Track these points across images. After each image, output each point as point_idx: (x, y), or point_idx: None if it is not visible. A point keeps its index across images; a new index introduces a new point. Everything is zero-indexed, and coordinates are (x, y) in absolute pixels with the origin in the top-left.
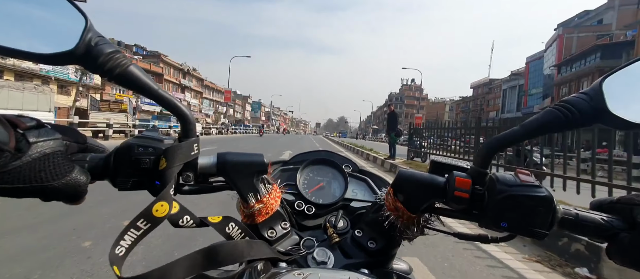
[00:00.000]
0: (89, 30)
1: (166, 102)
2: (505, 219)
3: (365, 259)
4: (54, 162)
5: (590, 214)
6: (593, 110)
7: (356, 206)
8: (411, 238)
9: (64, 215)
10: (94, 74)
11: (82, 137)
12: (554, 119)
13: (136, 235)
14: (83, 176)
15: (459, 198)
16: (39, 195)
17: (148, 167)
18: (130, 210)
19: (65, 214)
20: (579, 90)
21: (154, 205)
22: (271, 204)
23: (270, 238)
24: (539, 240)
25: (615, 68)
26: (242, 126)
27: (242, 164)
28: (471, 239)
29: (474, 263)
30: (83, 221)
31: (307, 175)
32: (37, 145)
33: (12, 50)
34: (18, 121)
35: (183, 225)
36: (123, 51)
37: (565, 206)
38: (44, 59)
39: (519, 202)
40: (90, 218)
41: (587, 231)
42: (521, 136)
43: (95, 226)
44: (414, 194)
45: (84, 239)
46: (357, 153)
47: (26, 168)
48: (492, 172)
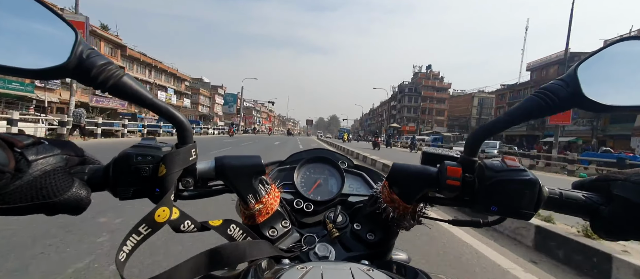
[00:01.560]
0: (79, 43)
1: (161, 111)
2: (494, 203)
3: (365, 251)
4: (54, 179)
5: (572, 193)
6: (569, 95)
7: (354, 201)
8: (408, 227)
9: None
10: (88, 86)
11: (79, 150)
12: (535, 106)
13: (137, 240)
14: (84, 189)
15: (451, 186)
16: (43, 211)
17: (147, 175)
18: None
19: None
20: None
21: (155, 211)
22: (271, 204)
23: (272, 237)
24: (525, 220)
25: (589, 54)
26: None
27: (240, 167)
28: (464, 224)
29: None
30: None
31: (304, 173)
32: (37, 163)
33: (3, 68)
34: (15, 140)
35: (184, 230)
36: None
37: (550, 188)
38: (36, 75)
39: (507, 186)
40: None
41: (571, 209)
42: (506, 123)
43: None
44: (409, 185)
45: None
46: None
47: (27, 187)
48: (480, 160)
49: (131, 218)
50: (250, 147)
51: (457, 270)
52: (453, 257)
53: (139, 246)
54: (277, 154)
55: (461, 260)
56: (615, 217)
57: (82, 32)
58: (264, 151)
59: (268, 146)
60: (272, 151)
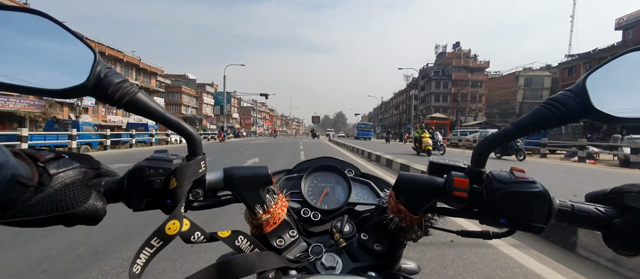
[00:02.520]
0: (98, 63)
1: (173, 124)
2: (503, 216)
3: (373, 262)
4: (73, 191)
5: (585, 205)
6: (578, 106)
7: (361, 210)
8: (415, 238)
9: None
10: (105, 103)
11: (96, 163)
12: (543, 117)
13: (150, 253)
14: (100, 201)
15: (458, 198)
16: (62, 222)
17: (159, 187)
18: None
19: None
20: None
21: (166, 224)
22: (278, 214)
23: (279, 247)
24: (536, 234)
25: (598, 65)
26: (144, 127)
27: (247, 178)
28: (473, 236)
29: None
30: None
31: (311, 182)
32: (58, 176)
33: (27, 88)
34: (38, 155)
35: (194, 241)
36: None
37: (561, 199)
38: (58, 94)
39: (516, 198)
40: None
41: (583, 222)
42: (513, 134)
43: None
44: (415, 195)
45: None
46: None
47: (48, 199)
48: (488, 171)
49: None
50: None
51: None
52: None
53: (153, 258)
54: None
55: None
56: (629, 229)
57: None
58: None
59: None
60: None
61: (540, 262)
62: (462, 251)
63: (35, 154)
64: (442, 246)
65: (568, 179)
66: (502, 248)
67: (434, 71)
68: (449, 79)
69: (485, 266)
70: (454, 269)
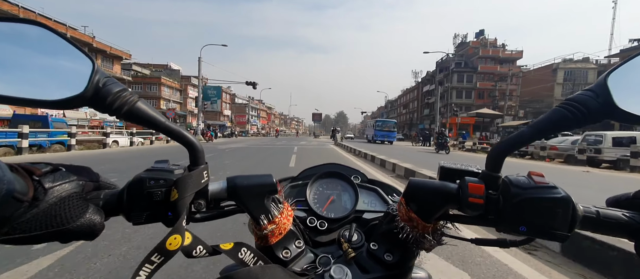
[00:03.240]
0: (96, 72)
1: (174, 133)
2: (523, 223)
3: (384, 273)
4: (69, 205)
5: (611, 211)
6: (601, 106)
7: (369, 218)
8: (428, 248)
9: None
10: (104, 113)
11: (95, 175)
12: (563, 118)
13: (150, 269)
14: (97, 215)
15: (473, 204)
16: (57, 239)
17: (160, 199)
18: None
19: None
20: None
21: (167, 239)
22: (284, 224)
23: (285, 258)
24: (560, 242)
25: (619, 62)
26: (42, 121)
27: (252, 187)
28: (489, 244)
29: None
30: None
31: (316, 190)
32: (53, 190)
33: (23, 100)
34: (33, 168)
35: (196, 255)
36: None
37: (585, 205)
38: (55, 105)
39: (536, 205)
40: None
41: (611, 230)
42: (530, 137)
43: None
44: (427, 203)
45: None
46: None
47: (42, 215)
48: (504, 176)
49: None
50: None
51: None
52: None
53: (154, 275)
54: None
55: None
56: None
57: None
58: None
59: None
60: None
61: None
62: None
63: (31, 168)
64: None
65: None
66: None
67: (454, 62)
68: (473, 72)
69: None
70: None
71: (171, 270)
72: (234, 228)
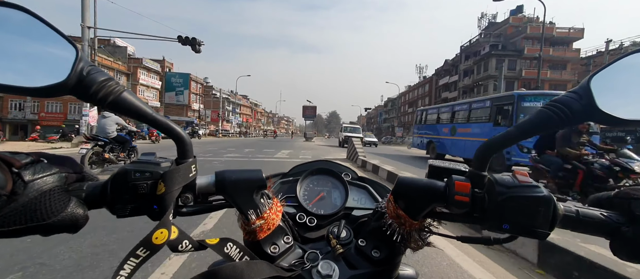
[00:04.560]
0: (80, 60)
1: (161, 126)
2: (506, 221)
3: (371, 269)
4: (50, 199)
5: (590, 210)
6: (583, 108)
7: (358, 215)
8: (415, 248)
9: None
10: (87, 102)
11: (78, 166)
12: (547, 119)
13: (136, 263)
14: (80, 209)
15: (459, 202)
16: (37, 232)
17: (146, 192)
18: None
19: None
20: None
21: (153, 233)
22: (272, 220)
23: (273, 254)
24: (540, 240)
25: (603, 66)
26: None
27: (241, 181)
28: (474, 242)
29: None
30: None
31: (307, 186)
32: (33, 184)
33: (4, 87)
34: (13, 160)
35: (182, 250)
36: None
37: (566, 205)
38: (36, 93)
39: (519, 203)
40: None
41: (589, 228)
42: (516, 137)
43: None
44: (415, 200)
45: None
46: None
47: (22, 209)
48: (490, 174)
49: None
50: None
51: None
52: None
53: (138, 269)
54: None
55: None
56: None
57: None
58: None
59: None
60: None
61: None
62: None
63: (9, 159)
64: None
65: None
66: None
67: (489, 44)
68: (518, 56)
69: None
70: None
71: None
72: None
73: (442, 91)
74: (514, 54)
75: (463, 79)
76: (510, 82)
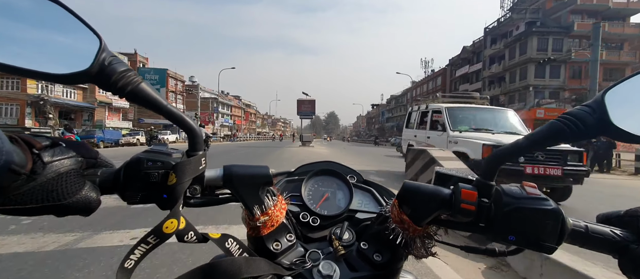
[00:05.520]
0: (103, 50)
1: (175, 117)
2: (512, 233)
3: (372, 273)
4: (66, 181)
5: (599, 227)
6: (596, 122)
7: (361, 217)
8: (418, 255)
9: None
10: (107, 91)
11: (94, 152)
12: (559, 132)
13: (145, 249)
14: (93, 192)
15: (465, 210)
16: (52, 212)
17: (156, 181)
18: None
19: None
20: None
21: (164, 222)
22: (276, 217)
23: (276, 251)
24: (547, 254)
25: (617, 80)
26: None
27: (247, 176)
28: (479, 252)
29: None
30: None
31: (312, 186)
32: (51, 165)
33: (30, 72)
34: (34, 141)
35: (187, 241)
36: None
37: (575, 220)
38: (60, 79)
39: (526, 215)
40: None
41: (597, 245)
42: (526, 148)
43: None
44: (420, 206)
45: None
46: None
47: (39, 188)
48: (498, 184)
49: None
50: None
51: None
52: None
53: (147, 255)
54: None
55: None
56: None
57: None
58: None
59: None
60: None
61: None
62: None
63: (31, 141)
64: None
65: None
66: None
67: (524, 22)
68: (565, 34)
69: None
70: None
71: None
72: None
73: (459, 83)
74: (561, 31)
75: (489, 67)
76: (556, 68)
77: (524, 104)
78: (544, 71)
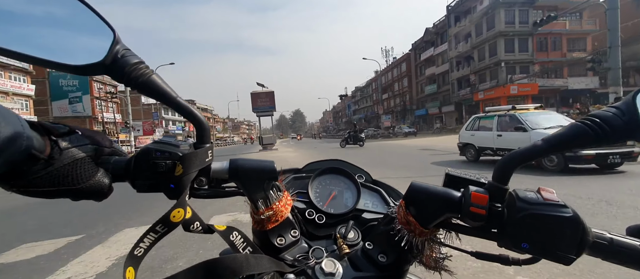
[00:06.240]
0: (117, 42)
1: (184, 110)
2: (526, 240)
3: (375, 274)
4: (81, 167)
5: (626, 240)
6: (625, 125)
7: (368, 218)
8: (429, 265)
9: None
10: (119, 83)
11: (108, 141)
12: (582, 135)
13: (154, 238)
14: (106, 179)
15: (475, 214)
16: (68, 196)
17: (164, 171)
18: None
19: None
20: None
21: (172, 211)
22: (281, 212)
23: (279, 245)
24: (565, 265)
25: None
26: None
27: (253, 170)
28: (490, 259)
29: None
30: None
31: (319, 184)
32: (68, 152)
33: (46, 62)
34: (52, 128)
35: (193, 230)
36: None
37: (597, 230)
38: (75, 70)
39: (542, 222)
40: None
41: (624, 259)
42: (544, 151)
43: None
44: (427, 207)
45: None
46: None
47: (56, 173)
48: (512, 189)
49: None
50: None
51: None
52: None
53: (156, 244)
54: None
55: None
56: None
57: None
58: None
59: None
60: None
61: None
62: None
63: (50, 127)
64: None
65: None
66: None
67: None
68: (530, 5)
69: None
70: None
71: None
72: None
73: (425, 67)
74: (525, 2)
75: (456, 46)
76: (523, 40)
77: (496, 81)
78: (513, 45)
